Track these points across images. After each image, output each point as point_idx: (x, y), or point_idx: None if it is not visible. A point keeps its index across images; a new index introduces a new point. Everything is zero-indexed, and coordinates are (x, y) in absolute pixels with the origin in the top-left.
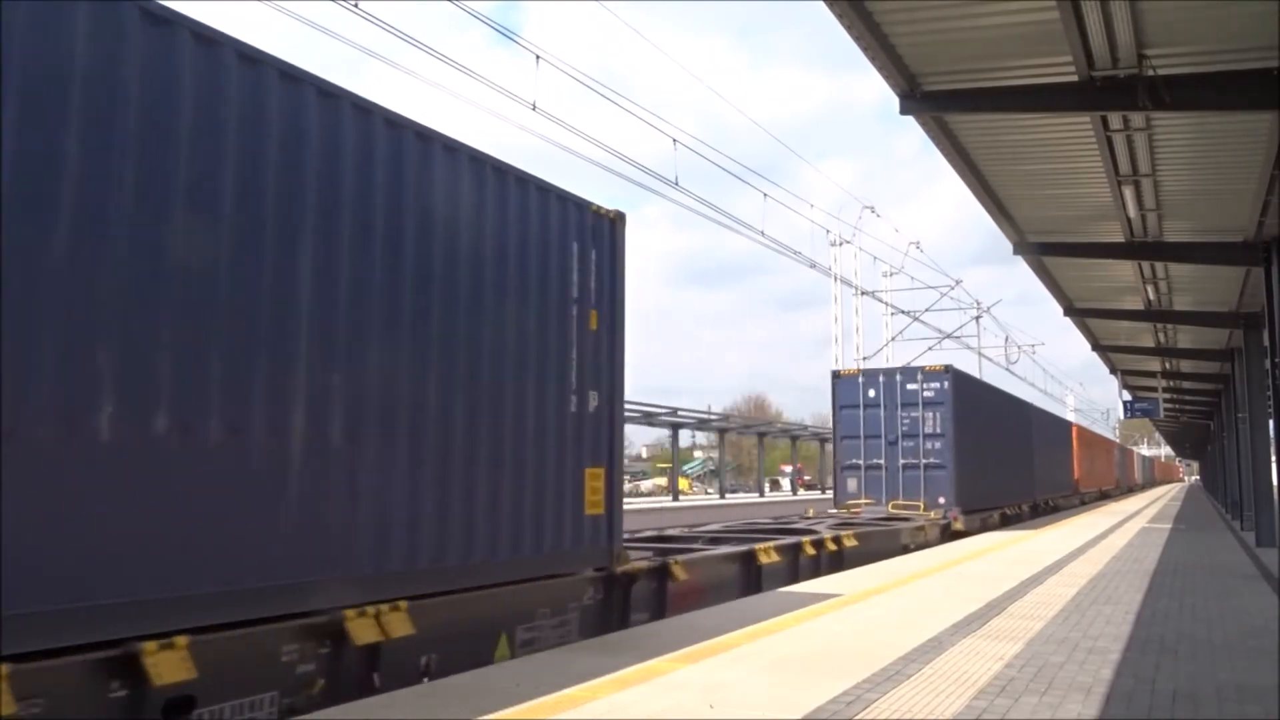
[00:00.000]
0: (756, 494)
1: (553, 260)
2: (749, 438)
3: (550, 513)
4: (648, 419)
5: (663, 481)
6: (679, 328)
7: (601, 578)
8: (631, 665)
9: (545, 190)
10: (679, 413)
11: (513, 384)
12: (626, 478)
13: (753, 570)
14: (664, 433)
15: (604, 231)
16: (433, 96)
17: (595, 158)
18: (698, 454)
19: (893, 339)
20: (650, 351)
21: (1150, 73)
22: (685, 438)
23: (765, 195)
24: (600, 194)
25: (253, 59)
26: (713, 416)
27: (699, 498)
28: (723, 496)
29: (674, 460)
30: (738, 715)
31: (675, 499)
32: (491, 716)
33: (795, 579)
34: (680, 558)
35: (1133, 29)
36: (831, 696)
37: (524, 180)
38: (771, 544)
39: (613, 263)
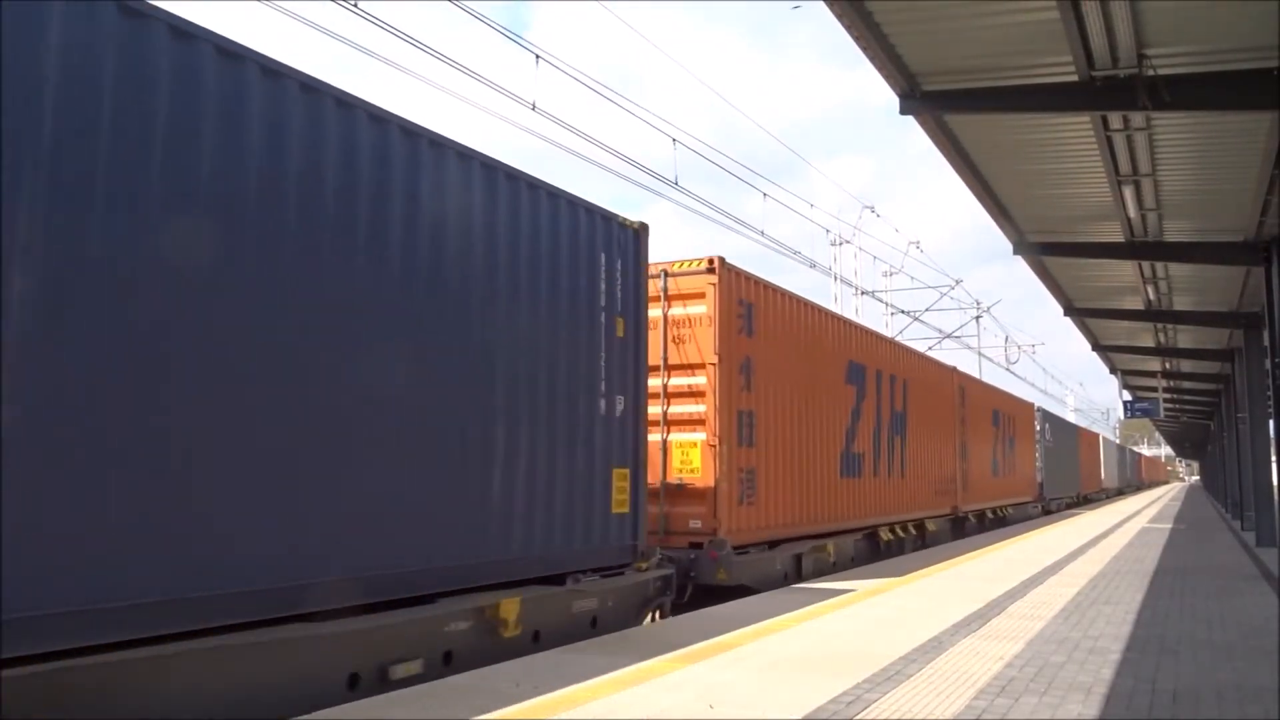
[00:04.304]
0: None
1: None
2: None
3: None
4: None
5: None
6: None
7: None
8: (631, 665)
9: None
10: None
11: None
12: None
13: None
14: None
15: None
16: (433, 97)
17: (597, 158)
18: None
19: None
20: None
21: (1150, 73)
22: None
23: (765, 195)
24: (603, 194)
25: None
26: None
27: None
28: None
29: None
30: (737, 715)
31: None
32: (491, 716)
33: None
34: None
35: (1133, 29)
36: (831, 696)
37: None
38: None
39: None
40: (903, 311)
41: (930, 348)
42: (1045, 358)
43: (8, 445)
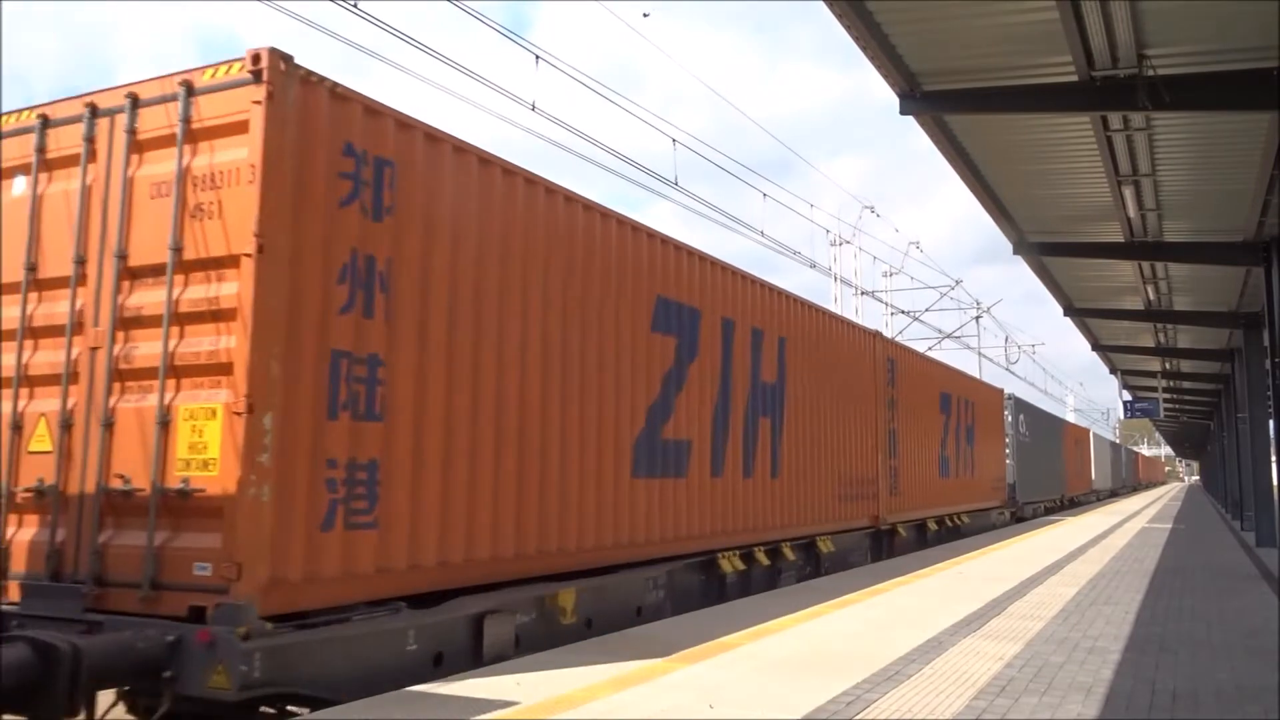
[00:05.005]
0: None
1: None
2: None
3: None
4: None
5: None
6: None
7: None
8: (631, 665)
9: None
10: None
11: None
12: None
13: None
14: None
15: None
16: (433, 97)
17: (597, 158)
18: None
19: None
20: None
21: (1150, 73)
22: None
23: (765, 195)
24: (602, 193)
25: None
26: None
27: None
28: None
29: None
30: (737, 715)
31: None
32: (491, 716)
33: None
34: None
35: (1133, 29)
36: (831, 696)
37: None
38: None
39: None
40: (903, 311)
41: (930, 348)
42: (1045, 358)
43: None
